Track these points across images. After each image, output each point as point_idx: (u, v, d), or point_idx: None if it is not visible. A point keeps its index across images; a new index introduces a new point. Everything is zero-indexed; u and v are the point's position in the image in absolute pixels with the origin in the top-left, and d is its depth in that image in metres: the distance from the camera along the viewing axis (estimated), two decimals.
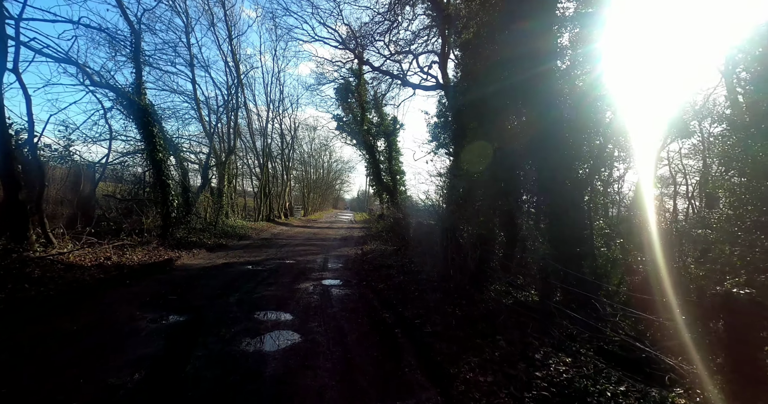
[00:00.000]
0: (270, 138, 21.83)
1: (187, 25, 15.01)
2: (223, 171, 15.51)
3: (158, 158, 8.56)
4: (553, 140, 6.59)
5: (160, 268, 6.46)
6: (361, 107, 23.18)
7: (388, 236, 15.31)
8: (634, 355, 3.62)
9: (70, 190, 8.12)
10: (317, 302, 5.37)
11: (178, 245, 8.60)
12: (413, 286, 6.63)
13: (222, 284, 5.86)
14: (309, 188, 39.83)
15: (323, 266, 8.54)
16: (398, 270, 8.14)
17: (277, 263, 8.39)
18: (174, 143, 12.55)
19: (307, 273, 7.52)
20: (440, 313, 5.00)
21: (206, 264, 7.49)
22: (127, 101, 8.06)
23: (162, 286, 5.44)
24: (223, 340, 3.59)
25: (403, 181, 23.72)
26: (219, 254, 8.92)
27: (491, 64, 8.99)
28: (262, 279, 6.57)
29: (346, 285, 6.76)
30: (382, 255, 10.77)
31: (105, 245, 6.67)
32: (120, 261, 6.19)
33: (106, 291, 4.85)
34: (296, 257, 9.53)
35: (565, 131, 6.69)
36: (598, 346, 3.92)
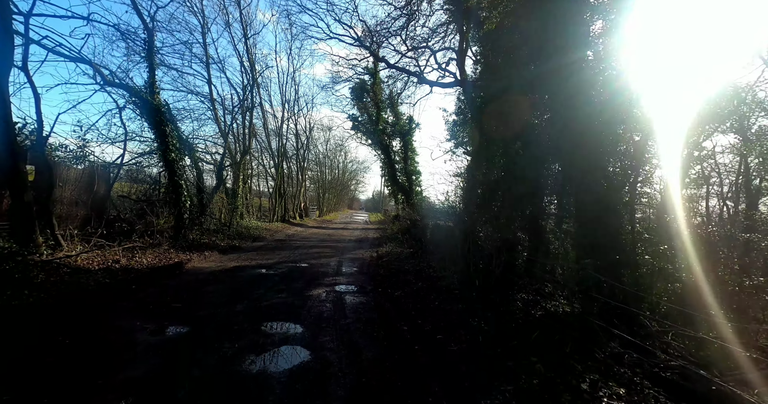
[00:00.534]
0: (285, 138, 21.77)
1: (203, 26, 15.03)
2: (238, 171, 15.43)
3: (171, 158, 8.42)
4: (584, 136, 6.00)
5: (168, 272, 6.24)
6: (376, 106, 22.88)
7: (404, 238, 14.84)
8: (701, 387, 3.05)
9: (85, 191, 8.06)
10: (330, 311, 4.99)
11: (190, 247, 8.42)
12: (432, 294, 6.17)
13: (230, 291, 5.57)
14: (324, 188, 39.81)
15: (337, 271, 8.19)
16: (416, 276, 7.69)
17: (290, 267, 8.08)
18: (189, 144, 12.51)
19: (320, 278, 7.17)
20: (464, 327, 4.52)
21: (216, 268, 7.25)
22: (141, 100, 7.95)
23: (168, 292, 5.19)
24: (224, 358, 3.24)
25: (418, 181, 23.25)
26: (231, 257, 8.70)
27: (514, 56, 8.42)
28: (272, 285, 6.26)
29: (360, 292, 6.37)
30: (398, 259, 10.34)
31: (115, 247, 6.52)
32: (128, 265, 6.00)
33: (109, 298, 4.62)
34: (309, 260, 9.22)
35: (597, 126, 6.08)
36: (653, 373, 3.37)
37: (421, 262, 9.50)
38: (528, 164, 7.93)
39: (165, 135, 8.28)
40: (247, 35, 15.26)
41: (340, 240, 14.84)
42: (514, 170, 8.44)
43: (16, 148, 4.91)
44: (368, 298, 5.99)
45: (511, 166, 8.68)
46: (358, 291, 6.43)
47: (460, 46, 13.52)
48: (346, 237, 16.22)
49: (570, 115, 6.24)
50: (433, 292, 6.28)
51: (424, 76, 16.00)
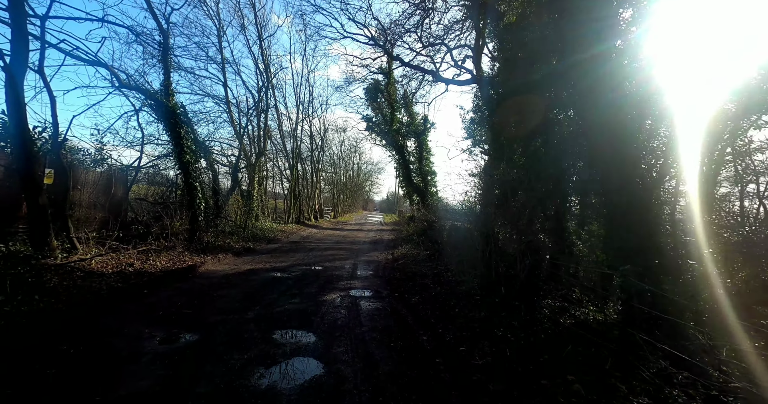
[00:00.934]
0: (300, 140, 21.80)
1: (219, 29, 15.17)
2: (253, 173, 15.47)
3: (186, 160, 8.41)
4: (614, 132, 5.55)
5: (181, 275, 6.15)
6: (390, 106, 22.69)
7: (420, 239, 14.49)
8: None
9: (103, 193, 8.13)
10: (344, 318, 4.75)
11: (204, 249, 8.37)
12: (452, 300, 5.83)
13: (242, 296, 5.40)
14: (339, 189, 39.85)
15: (352, 274, 7.95)
16: (433, 280, 7.36)
17: (304, 270, 7.90)
18: (205, 146, 12.58)
19: (334, 282, 6.95)
20: (488, 337, 4.18)
21: (230, 271, 7.13)
22: (156, 103, 7.97)
23: (180, 297, 5.06)
24: (232, 370, 3.03)
25: (434, 182, 22.87)
26: (245, 259, 8.60)
27: (535, 50, 8.00)
28: (286, 289, 6.07)
29: (376, 297, 6.10)
30: (415, 261, 10.03)
31: (129, 250, 6.49)
32: (142, 268, 5.93)
33: (120, 303, 4.52)
34: (324, 263, 9.02)
35: (629, 121, 5.62)
36: (711, 396, 2.95)
37: (438, 265, 9.16)
38: (550, 162, 7.52)
39: (180, 137, 8.27)
40: (262, 37, 15.31)
41: (354, 242, 14.64)
42: (535, 168, 8.03)
43: (31, 151, 4.90)
44: (384, 304, 5.72)
45: (532, 165, 8.26)
46: (373, 296, 6.16)
47: (476, 43, 13.11)
48: (361, 239, 16.01)
49: (597, 110, 5.79)
50: (452, 298, 5.95)
51: (439, 74, 15.65)
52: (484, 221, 7.74)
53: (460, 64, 14.26)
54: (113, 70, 7.08)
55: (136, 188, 10.15)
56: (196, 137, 12.53)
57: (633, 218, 5.22)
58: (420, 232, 16.19)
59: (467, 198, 11.65)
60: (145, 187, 10.33)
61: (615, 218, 5.71)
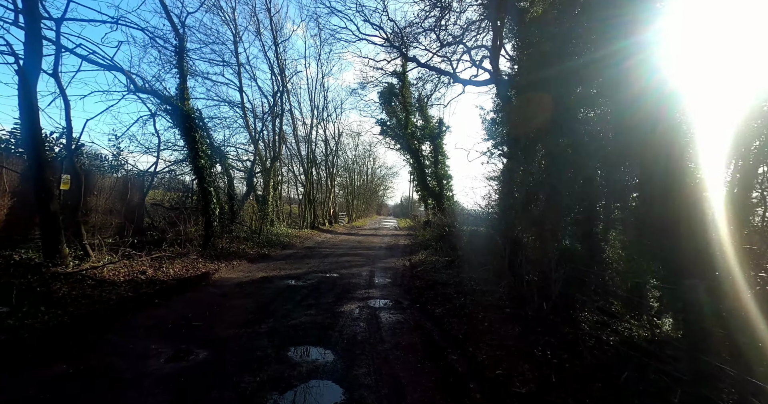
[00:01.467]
0: (314, 144, 21.73)
1: (235, 35, 15.24)
2: (268, 178, 15.38)
3: (200, 165, 8.29)
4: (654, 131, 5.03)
5: (194, 284, 5.92)
6: (405, 109, 22.44)
7: (438, 245, 14.02)
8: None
9: (119, 199, 8.07)
10: (364, 333, 4.37)
11: (218, 255, 8.18)
12: (480, 312, 5.38)
13: (256, 306, 5.10)
14: (353, 194, 39.70)
15: (369, 282, 7.58)
16: (456, 289, 6.91)
17: (319, 278, 7.58)
18: (221, 151, 12.54)
19: (351, 291, 6.60)
20: (527, 359, 3.73)
21: (244, 278, 6.88)
22: (172, 107, 7.89)
23: (191, 308, 4.80)
24: (243, 396, 2.70)
25: (450, 186, 22.39)
26: (260, 266, 8.36)
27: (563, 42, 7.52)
28: (301, 299, 5.75)
29: (396, 308, 5.71)
30: (434, 268, 9.57)
31: (143, 257, 6.33)
32: (154, 276, 5.74)
33: (129, 315, 4.28)
34: (340, 270, 8.70)
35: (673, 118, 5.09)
36: None
37: (460, 273, 8.70)
38: (577, 163, 7.02)
39: (194, 141, 8.16)
40: (277, 41, 15.32)
41: (370, 247, 14.29)
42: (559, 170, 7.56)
43: (43, 157, 4.79)
44: (406, 316, 5.32)
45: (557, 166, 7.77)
46: (393, 307, 5.77)
47: (494, 43, 12.66)
48: (377, 244, 15.64)
49: (636, 105, 5.27)
50: (479, 310, 5.49)
51: (456, 75, 15.26)
52: (507, 226, 7.25)
53: (478, 63, 13.85)
54: (129, 75, 7.02)
55: (153, 193, 10.12)
56: (212, 142, 12.51)
57: (681, 226, 4.67)
58: (437, 237, 15.70)
59: (489, 202, 11.14)
60: (162, 192, 10.30)
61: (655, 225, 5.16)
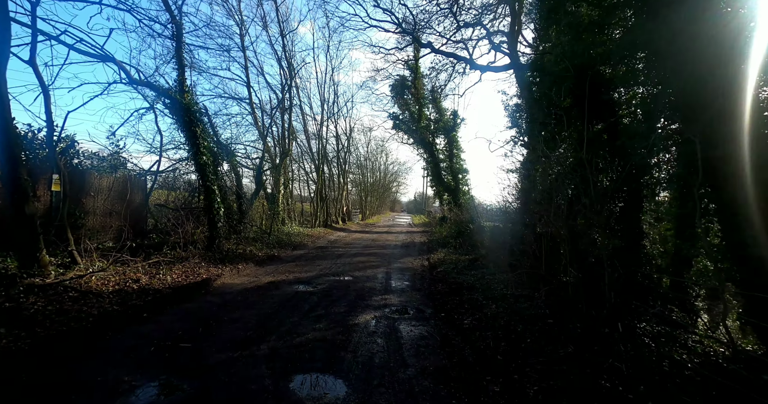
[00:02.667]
0: (325, 140, 21.13)
1: (241, 28, 14.71)
2: (278, 175, 14.85)
3: (203, 162, 7.74)
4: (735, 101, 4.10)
5: (191, 292, 5.34)
6: (417, 102, 21.64)
7: (457, 242, 13.19)
8: None
9: (119, 200, 7.60)
10: (383, 353, 3.66)
11: (223, 258, 7.63)
12: (518, 324, 4.58)
13: (257, 319, 4.46)
14: (366, 191, 39.09)
15: (386, 286, 6.87)
16: (485, 294, 6.11)
17: (331, 282, 6.92)
18: (228, 148, 12.04)
19: (366, 297, 5.90)
20: (594, 394, 2.92)
21: (249, 284, 6.28)
22: (170, 100, 7.34)
23: (183, 323, 4.19)
24: None
25: (466, 180, 21.52)
26: (267, 269, 7.77)
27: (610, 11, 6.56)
28: (309, 308, 5.09)
29: (418, 319, 4.97)
30: (456, 269, 8.78)
31: (138, 263, 5.80)
32: (148, 284, 5.18)
33: (108, 334, 3.69)
34: (353, 272, 8.02)
35: None
36: None
37: (485, 274, 7.88)
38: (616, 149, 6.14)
39: (196, 136, 7.60)
40: (284, 33, 14.70)
41: (385, 246, 13.58)
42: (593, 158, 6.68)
43: (15, 153, 4.27)
44: (430, 328, 4.58)
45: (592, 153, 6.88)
46: (415, 317, 5.04)
47: (512, 28, 11.70)
48: (392, 242, 14.92)
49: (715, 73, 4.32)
50: (516, 320, 4.70)
51: (473, 61, 14.29)
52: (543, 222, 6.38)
53: (498, 45, 12.85)
54: (121, 65, 6.49)
55: (157, 193, 9.67)
56: (219, 139, 12.02)
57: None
58: (455, 234, 14.87)
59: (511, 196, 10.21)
60: (166, 192, 9.86)
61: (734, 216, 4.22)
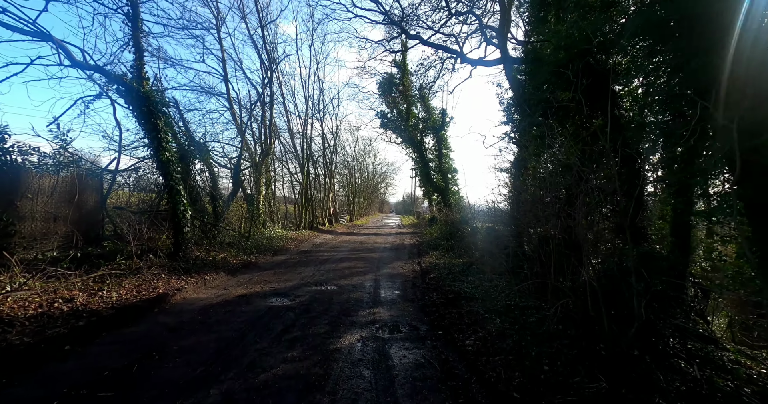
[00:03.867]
0: (310, 138, 20.20)
1: (217, 18, 13.73)
2: (259, 175, 13.88)
3: (165, 159, 6.79)
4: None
5: (140, 312, 4.44)
6: (406, 100, 21.11)
7: (449, 245, 12.54)
8: None
9: (66, 203, 6.60)
10: (369, 392, 2.89)
11: (190, 268, 6.71)
12: (530, 345, 3.88)
13: (216, 347, 3.62)
14: (354, 192, 38.21)
15: (374, 297, 6.10)
16: (486, 306, 5.41)
17: (312, 293, 6.10)
18: (201, 145, 11.05)
19: (352, 312, 5.11)
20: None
21: (215, 299, 5.40)
22: (125, 87, 6.39)
23: (116, 357, 3.31)
24: None
25: (455, 180, 21.11)
26: (240, 279, 6.89)
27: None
28: (284, 329, 4.27)
29: (412, 339, 4.21)
30: (450, 274, 8.09)
31: (78, 277, 4.86)
32: (85, 304, 4.26)
33: (2, 380, 2.80)
34: (338, 281, 7.22)
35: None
36: None
37: (483, 280, 7.20)
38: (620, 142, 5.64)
39: (157, 130, 6.67)
40: (264, 23, 13.76)
41: (373, 249, 12.80)
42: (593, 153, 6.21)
43: None
44: (427, 352, 3.83)
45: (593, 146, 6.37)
46: (408, 337, 4.27)
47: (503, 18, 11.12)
48: (380, 245, 14.15)
49: None
50: (528, 341, 3.99)
51: (464, 55, 13.69)
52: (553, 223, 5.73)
53: (490, 39, 12.27)
54: (62, 44, 5.53)
55: (120, 195, 8.65)
56: (192, 136, 11.05)
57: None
58: (446, 235, 14.24)
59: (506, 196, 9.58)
60: (128, 193, 8.83)
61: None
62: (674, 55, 4.76)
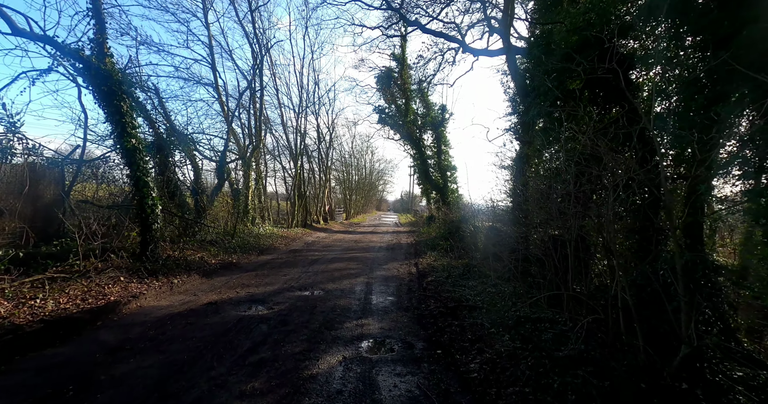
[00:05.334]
0: (304, 131, 19.38)
1: (205, 1, 12.91)
2: (248, 169, 13.09)
3: (130, 147, 6.01)
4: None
5: (78, 326, 3.69)
6: (404, 95, 20.38)
7: (447, 245, 11.80)
8: None
9: (15, 195, 5.81)
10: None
11: (157, 269, 5.94)
12: (550, 373, 3.14)
13: (158, 376, 2.87)
14: (351, 189, 37.44)
15: (364, 304, 5.36)
16: (490, 317, 4.69)
17: (294, 300, 5.36)
18: (183, 135, 10.26)
19: (336, 324, 4.37)
20: None
21: (179, 307, 4.65)
22: (82, 63, 5.59)
23: (14, 393, 2.56)
24: None
25: (454, 178, 20.46)
26: (215, 283, 6.13)
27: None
28: (251, 347, 3.53)
29: (406, 361, 3.47)
30: (450, 277, 7.37)
31: (4, 282, 4.09)
32: (5, 316, 3.50)
33: None
34: (326, 284, 6.48)
35: None
36: None
37: (486, 286, 6.48)
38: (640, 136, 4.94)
39: (121, 114, 5.88)
40: (253, 7, 12.93)
41: (368, 248, 12.07)
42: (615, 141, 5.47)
43: None
44: (423, 380, 3.10)
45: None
46: (401, 358, 3.54)
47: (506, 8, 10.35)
48: (376, 244, 13.42)
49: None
50: (548, 368, 3.26)
51: (466, 44, 12.95)
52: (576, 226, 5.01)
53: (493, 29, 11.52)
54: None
55: (85, 188, 7.85)
56: (173, 124, 10.25)
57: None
58: (445, 235, 13.52)
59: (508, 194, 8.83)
60: (96, 186, 8.03)
61: None
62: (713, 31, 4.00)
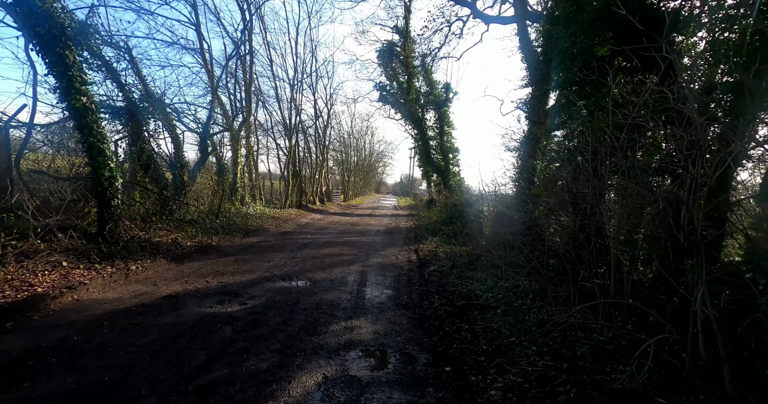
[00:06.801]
0: (299, 105, 18.12)
1: None
2: (236, 144, 12.03)
3: (79, 106, 4.99)
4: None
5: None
6: (407, 72, 19.06)
7: (450, 230, 10.92)
8: None
9: None
10: None
11: (114, 253, 5.07)
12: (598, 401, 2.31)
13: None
14: (349, 171, 36.33)
15: (356, 299, 4.52)
16: (508, 319, 3.85)
17: (274, 292, 4.51)
18: (160, 102, 9.14)
19: (319, 327, 3.53)
20: None
21: (127, 301, 3.79)
22: None
23: None
24: None
25: (457, 160, 19.55)
26: (185, 269, 5.27)
27: None
28: (203, 363, 2.68)
29: (405, 381, 2.63)
30: (455, 267, 6.55)
31: None
32: None
33: None
34: (314, 273, 5.64)
35: None
36: None
37: (498, 278, 5.66)
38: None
39: (65, 64, 4.83)
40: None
41: (365, 232, 11.22)
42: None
43: None
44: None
45: None
46: (399, 378, 2.69)
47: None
48: (374, 227, 12.57)
49: None
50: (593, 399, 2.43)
51: (477, 9, 11.65)
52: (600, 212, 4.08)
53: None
54: None
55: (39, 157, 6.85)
56: (149, 90, 9.11)
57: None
58: (446, 220, 12.67)
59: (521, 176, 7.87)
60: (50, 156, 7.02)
61: None
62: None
